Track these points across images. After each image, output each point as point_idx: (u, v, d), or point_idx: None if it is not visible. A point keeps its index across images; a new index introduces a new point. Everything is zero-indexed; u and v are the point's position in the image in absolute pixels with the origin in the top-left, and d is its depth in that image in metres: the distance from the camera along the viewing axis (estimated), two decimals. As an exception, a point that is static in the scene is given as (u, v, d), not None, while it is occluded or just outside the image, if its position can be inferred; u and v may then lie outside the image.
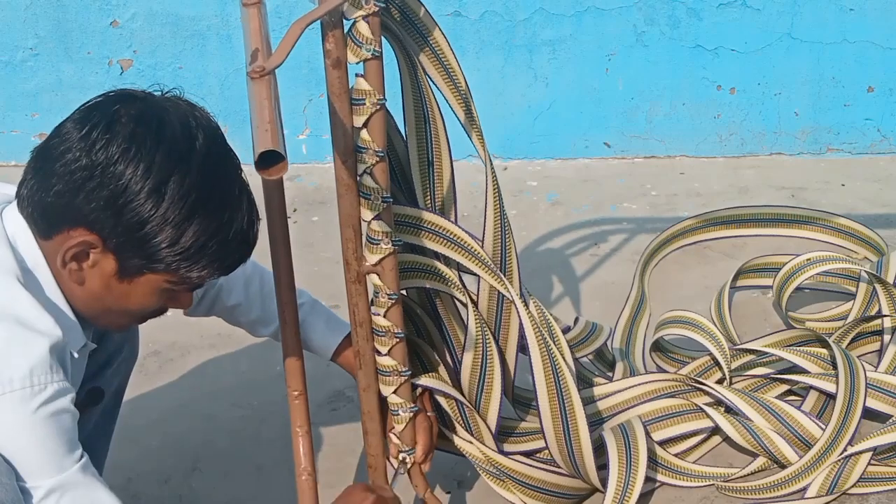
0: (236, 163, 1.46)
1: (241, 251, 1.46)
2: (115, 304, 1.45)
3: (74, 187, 1.35)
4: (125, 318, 1.51)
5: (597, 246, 3.00)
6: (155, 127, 1.37)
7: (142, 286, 1.43)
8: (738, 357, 2.27)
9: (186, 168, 1.37)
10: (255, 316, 1.79)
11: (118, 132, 1.35)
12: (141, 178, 1.34)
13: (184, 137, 1.38)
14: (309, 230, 3.11)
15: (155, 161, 1.35)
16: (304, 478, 1.68)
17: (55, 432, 1.37)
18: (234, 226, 1.42)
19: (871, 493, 2.02)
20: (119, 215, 1.35)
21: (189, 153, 1.37)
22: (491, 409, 1.87)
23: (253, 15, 1.19)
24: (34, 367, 1.35)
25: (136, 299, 1.45)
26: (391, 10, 1.55)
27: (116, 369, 1.82)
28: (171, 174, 1.35)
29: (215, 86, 3.50)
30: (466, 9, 3.41)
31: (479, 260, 1.75)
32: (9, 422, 1.34)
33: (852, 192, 3.30)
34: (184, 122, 1.39)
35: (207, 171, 1.39)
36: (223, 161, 1.43)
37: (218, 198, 1.40)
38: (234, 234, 1.42)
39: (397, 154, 1.71)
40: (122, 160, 1.34)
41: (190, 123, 1.39)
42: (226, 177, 1.42)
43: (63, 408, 1.38)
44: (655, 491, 2.05)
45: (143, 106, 1.39)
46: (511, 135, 3.55)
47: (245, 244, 1.46)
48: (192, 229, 1.38)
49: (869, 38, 3.42)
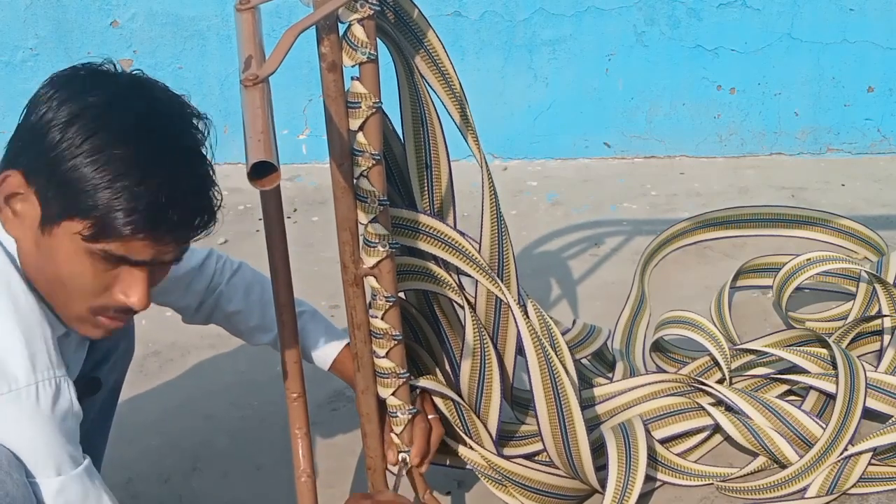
0: (187, 123, 1.38)
1: (170, 210, 1.31)
2: (49, 269, 1.35)
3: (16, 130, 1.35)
4: (70, 296, 1.37)
5: (597, 246, 3.00)
6: (93, 71, 1.36)
7: (64, 242, 1.32)
8: (738, 357, 2.27)
9: (105, 106, 1.31)
10: (255, 323, 1.79)
11: (60, 75, 1.36)
12: (61, 109, 1.31)
13: (114, 80, 1.36)
14: (309, 230, 3.11)
15: (77, 96, 1.32)
16: (303, 479, 1.68)
17: (60, 430, 1.37)
18: (155, 176, 1.30)
19: (871, 493, 2.02)
20: (33, 144, 1.31)
21: (114, 94, 1.33)
22: (491, 414, 1.87)
23: (247, 20, 1.19)
24: (36, 363, 1.35)
25: (64, 263, 1.33)
26: (386, 12, 1.54)
27: (113, 365, 1.82)
28: (86, 108, 1.31)
29: (215, 86, 3.50)
30: (466, 9, 3.41)
31: (476, 264, 1.75)
32: (15, 419, 1.34)
33: (852, 192, 3.30)
34: (132, 76, 1.38)
35: (131, 117, 1.32)
36: (160, 115, 1.35)
37: (136, 141, 1.30)
38: (158, 184, 1.30)
39: (395, 157, 1.71)
40: (47, 93, 1.33)
41: (140, 77, 1.38)
42: (155, 127, 1.33)
43: (67, 405, 1.38)
44: (655, 491, 2.05)
45: (105, 67, 1.38)
46: (511, 135, 3.55)
47: (175, 205, 1.31)
48: (98, 163, 1.29)
49: (869, 38, 3.42)
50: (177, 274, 1.75)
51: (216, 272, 1.78)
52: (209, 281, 1.78)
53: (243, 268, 1.82)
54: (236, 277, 1.79)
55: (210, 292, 1.78)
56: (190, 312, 1.81)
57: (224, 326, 1.84)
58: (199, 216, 1.35)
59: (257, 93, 1.06)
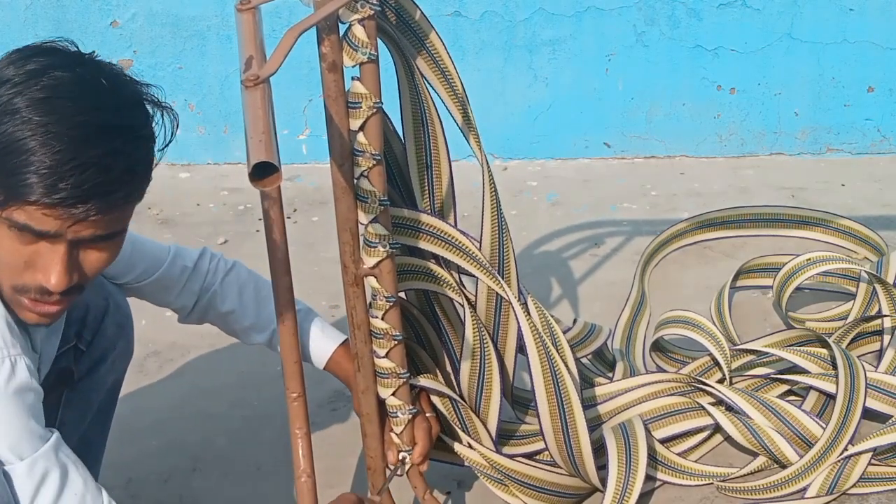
0: (125, 98, 1.34)
1: (69, 176, 1.26)
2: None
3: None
4: (2, 277, 1.35)
5: (597, 246, 3.01)
6: (42, 46, 1.34)
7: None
8: (738, 357, 2.27)
9: (36, 72, 1.29)
10: (249, 323, 1.79)
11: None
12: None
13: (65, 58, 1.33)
14: (309, 230, 3.11)
15: (11, 66, 1.30)
16: (303, 479, 1.68)
17: (23, 410, 1.34)
18: (64, 141, 1.26)
19: (871, 493, 2.02)
20: None
21: (54, 69, 1.30)
22: (491, 413, 1.87)
23: (247, 20, 1.19)
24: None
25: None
26: (387, 12, 1.55)
27: (111, 366, 1.82)
28: (13, 76, 1.29)
29: (215, 86, 3.50)
30: (466, 9, 3.41)
31: (477, 262, 1.75)
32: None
33: (852, 192, 3.30)
34: (79, 56, 1.35)
35: (59, 80, 1.29)
36: (91, 86, 1.32)
37: (60, 115, 1.27)
38: (61, 150, 1.26)
39: (396, 157, 1.71)
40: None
41: (77, 53, 1.35)
42: (80, 97, 1.30)
43: (25, 383, 1.35)
44: (655, 491, 2.05)
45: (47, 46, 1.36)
46: (511, 135, 3.55)
47: (74, 170, 1.26)
48: (11, 126, 1.26)
49: (869, 38, 3.42)
50: (171, 274, 1.77)
51: (210, 272, 1.78)
52: (203, 280, 1.78)
53: (237, 267, 1.82)
54: (230, 277, 1.79)
55: (204, 292, 1.78)
56: (185, 312, 1.81)
57: (219, 326, 1.84)
58: (100, 189, 1.28)
59: (258, 93, 1.06)
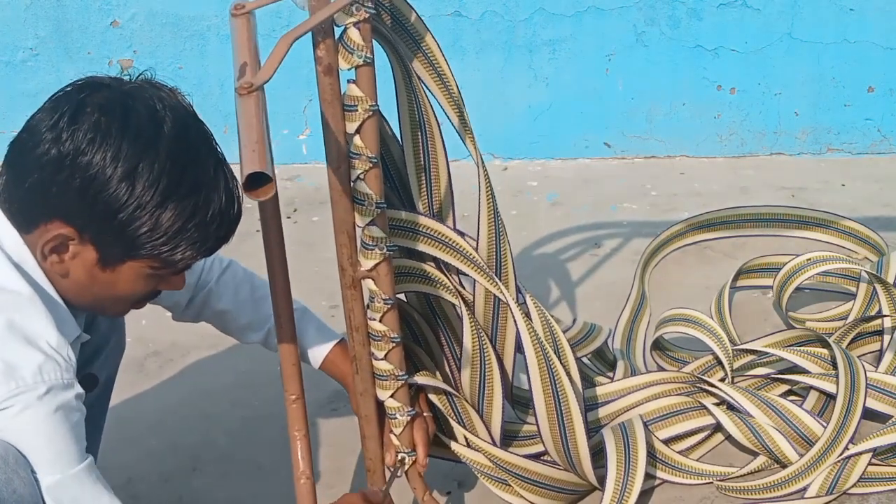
0: (210, 142, 1.44)
1: (223, 230, 1.45)
2: (103, 293, 1.46)
3: (46, 180, 1.36)
4: (119, 304, 1.51)
5: (597, 246, 3.00)
6: (120, 114, 1.36)
7: (126, 273, 1.43)
8: (738, 357, 2.27)
9: (154, 153, 1.36)
10: (245, 321, 1.80)
11: (84, 121, 1.35)
12: (110, 165, 1.34)
13: (150, 122, 1.37)
14: (309, 230, 3.11)
15: (122, 148, 1.35)
16: (302, 481, 1.68)
17: (66, 429, 1.39)
18: (212, 206, 1.41)
19: (871, 493, 2.02)
20: (92, 205, 1.36)
21: (156, 138, 1.37)
22: (494, 416, 1.86)
23: (241, 25, 1.19)
24: (43, 364, 1.37)
25: (123, 286, 1.45)
26: (382, 15, 1.55)
27: (105, 360, 1.83)
28: (140, 160, 1.35)
29: (215, 86, 3.50)
30: (466, 9, 3.41)
31: (475, 264, 1.75)
32: (23, 418, 1.35)
33: (852, 192, 3.30)
34: (149, 107, 1.38)
35: (177, 155, 1.38)
36: (194, 142, 1.42)
37: (191, 180, 1.39)
38: (212, 214, 1.41)
39: (394, 159, 1.71)
40: (89, 149, 1.34)
41: (156, 107, 1.39)
42: (197, 158, 1.41)
43: (73, 405, 1.40)
44: (655, 490, 2.05)
45: (109, 93, 1.38)
46: (511, 135, 3.55)
47: (226, 222, 1.44)
48: (167, 214, 1.38)
49: (869, 38, 3.42)
50: None
51: (205, 269, 1.79)
52: (198, 277, 1.79)
53: (233, 265, 1.82)
54: (226, 275, 1.80)
55: (199, 289, 1.78)
56: (179, 309, 1.81)
57: (214, 324, 1.84)
58: (236, 226, 1.48)
59: (252, 101, 1.06)
